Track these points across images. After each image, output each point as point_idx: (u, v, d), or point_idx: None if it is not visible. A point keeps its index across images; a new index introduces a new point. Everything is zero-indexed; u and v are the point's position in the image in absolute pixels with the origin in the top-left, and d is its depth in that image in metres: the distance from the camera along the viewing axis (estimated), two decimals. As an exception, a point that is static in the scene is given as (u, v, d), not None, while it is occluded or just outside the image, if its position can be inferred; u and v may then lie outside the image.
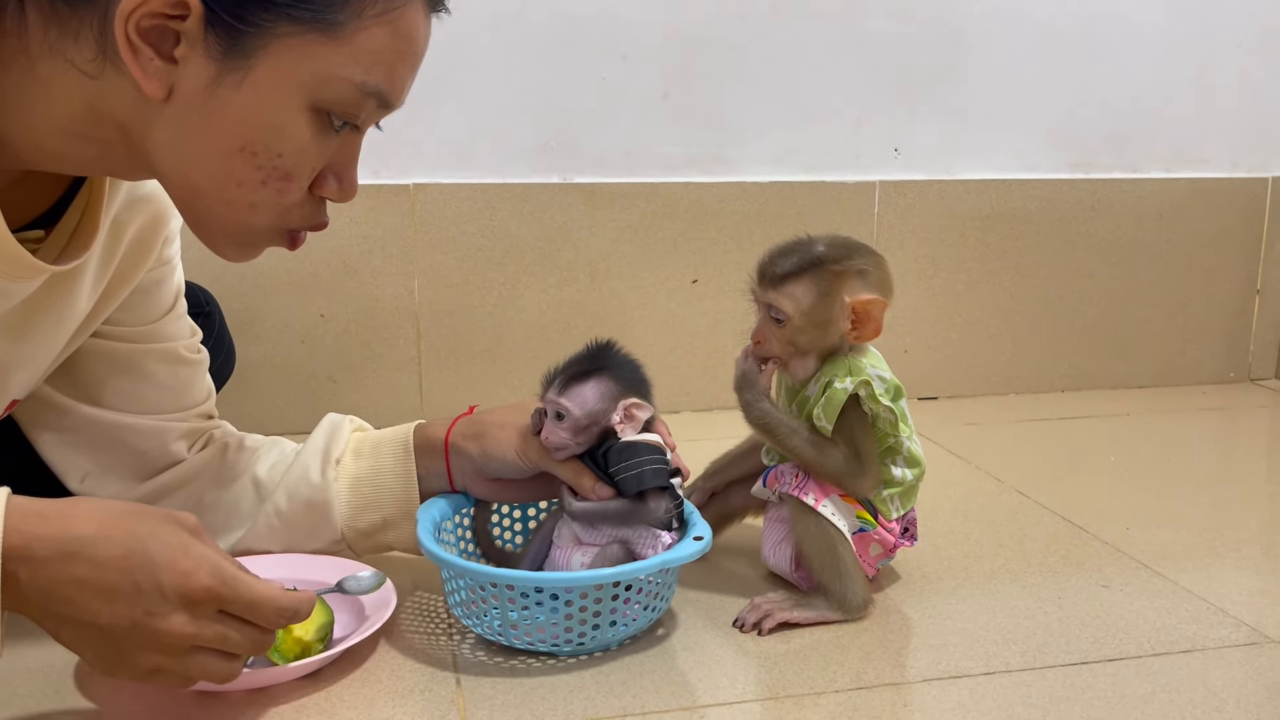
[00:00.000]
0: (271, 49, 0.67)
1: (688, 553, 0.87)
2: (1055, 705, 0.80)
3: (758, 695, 0.82)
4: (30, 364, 0.84)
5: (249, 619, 0.70)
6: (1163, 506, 1.26)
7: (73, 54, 0.66)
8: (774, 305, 0.93)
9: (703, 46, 1.59)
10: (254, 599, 0.69)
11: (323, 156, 0.73)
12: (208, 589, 0.67)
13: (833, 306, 0.93)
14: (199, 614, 0.68)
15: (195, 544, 0.68)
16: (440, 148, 1.52)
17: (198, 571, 0.67)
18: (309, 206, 0.75)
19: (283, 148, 0.70)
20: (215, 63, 0.66)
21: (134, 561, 0.65)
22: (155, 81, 0.66)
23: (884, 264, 0.95)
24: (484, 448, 0.94)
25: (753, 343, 0.96)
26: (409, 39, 0.71)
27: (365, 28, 0.68)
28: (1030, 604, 0.98)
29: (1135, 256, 1.81)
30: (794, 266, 0.93)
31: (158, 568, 0.66)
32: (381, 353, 1.54)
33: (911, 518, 1.01)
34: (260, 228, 0.74)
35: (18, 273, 0.73)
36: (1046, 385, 1.82)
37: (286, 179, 0.71)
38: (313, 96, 0.69)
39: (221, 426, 1.01)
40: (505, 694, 0.81)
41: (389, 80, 0.71)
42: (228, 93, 0.67)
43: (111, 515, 0.67)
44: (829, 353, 0.95)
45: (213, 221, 0.73)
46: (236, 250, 0.76)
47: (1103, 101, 1.76)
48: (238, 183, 0.70)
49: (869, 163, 1.69)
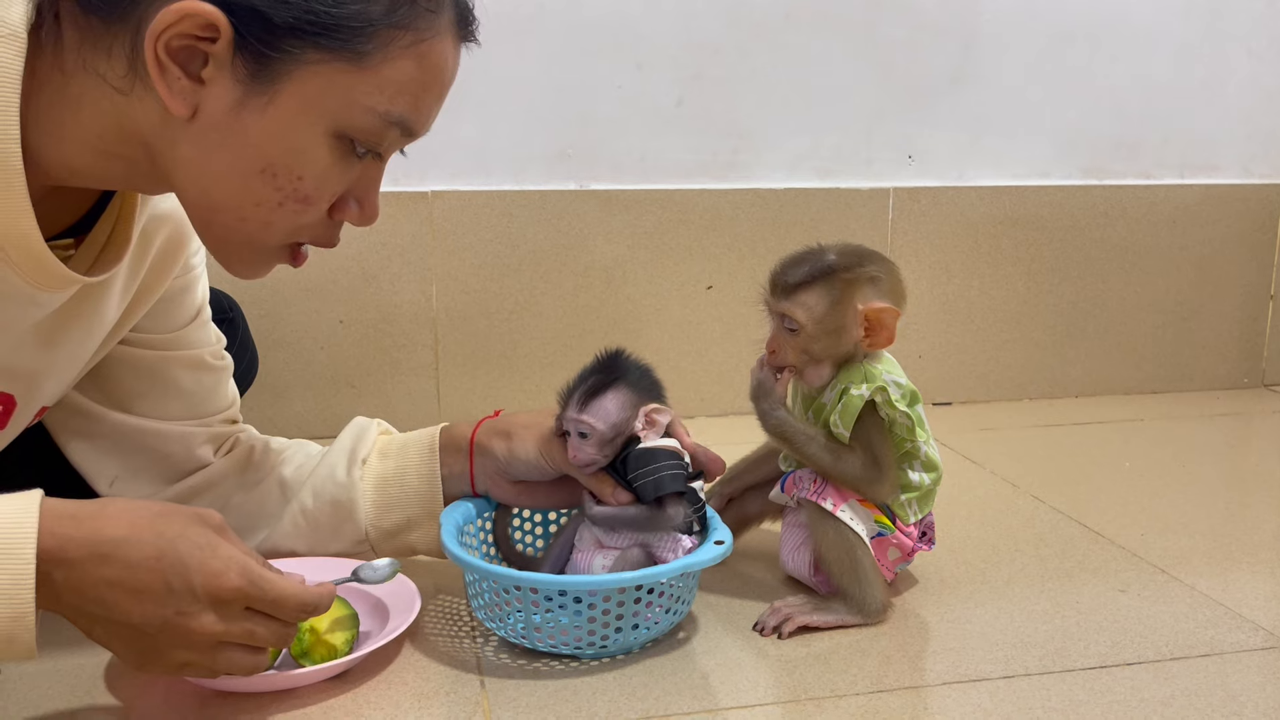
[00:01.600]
0: (298, 75, 0.67)
1: (709, 556, 0.88)
2: (1075, 709, 0.81)
3: (778, 698, 0.83)
4: (60, 371, 0.85)
5: (273, 614, 0.72)
6: (1178, 511, 1.26)
7: (104, 70, 0.68)
8: (787, 315, 0.94)
9: (717, 54, 1.61)
10: (278, 595, 0.72)
11: (344, 181, 0.74)
12: (237, 589, 0.69)
13: (845, 314, 0.93)
14: (227, 612, 0.70)
15: (222, 544, 0.70)
16: (458, 155, 1.54)
17: (227, 572, 0.69)
18: (323, 227, 0.76)
19: (304, 171, 0.71)
20: (241, 85, 0.67)
21: (166, 563, 0.67)
22: (180, 100, 0.67)
23: (895, 270, 0.96)
24: (509, 448, 0.95)
25: (767, 352, 0.97)
26: (436, 70, 0.72)
27: (392, 58, 0.69)
28: (1048, 608, 0.99)
29: (1148, 262, 1.82)
30: (805, 276, 0.93)
31: (189, 569, 0.68)
32: (400, 359, 1.56)
33: (929, 522, 1.01)
34: (271, 246, 0.75)
35: (52, 284, 0.74)
36: (1060, 391, 1.82)
37: (305, 202, 0.72)
38: (336, 123, 0.70)
39: (247, 430, 1.02)
40: (529, 696, 0.82)
41: (414, 110, 0.72)
42: (252, 115, 0.68)
43: (142, 516, 0.69)
44: (844, 360, 0.96)
45: (226, 237, 0.75)
46: (246, 268, 0.78)
47: (1115, 108, 1.77)
48: (255, 203, 0.71)
49: (882, 169, 1.70)
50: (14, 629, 0.63)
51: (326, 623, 0.83)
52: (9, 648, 0.64)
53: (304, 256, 0.79)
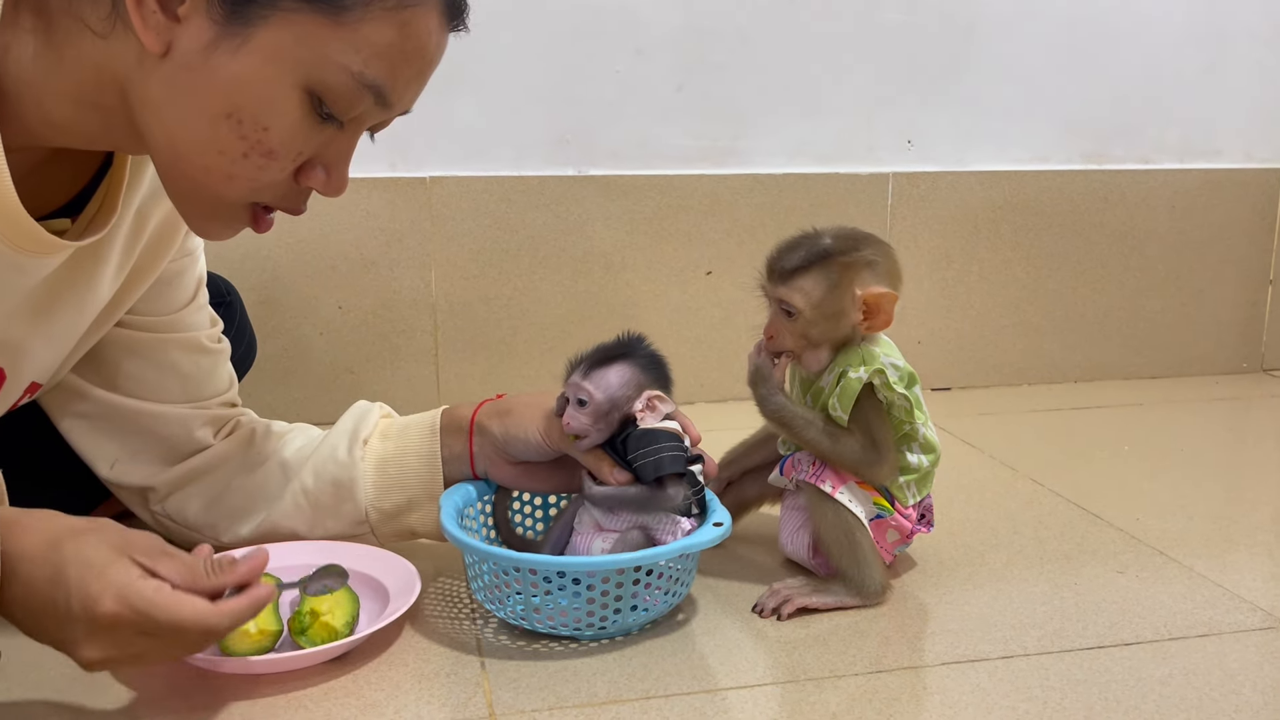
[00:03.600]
0: (273, 21, 0.67)
1: (708, 538, 0.88)
2: (1073, 688, 0.81)
3: (777, 679, 0.83)
4: (52, 346, 0.85)
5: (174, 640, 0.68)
6: (1177, 494, 1.26)
7: (87, 13, 0.67)
8: (784, 300, 0.94)
9: (716, 39, 1.60)
10: (175, 623, 0.66)
11: (312, 143, 0.72)
12: (114, 615, 0.65)
13: (843, 298, 0.93)
14: (111, 639, 0.66)
15: (113, 568, 0.66)
16: (456, 141, 1.53)
17: (102, 597, 0.65)
18: (287, 190, 0.74)
19: (269, 122, 0.69)
20: (216, 26, 0.66)
21: (56, 583, 0.65)
22: (154, 36, 0.66)
23: (892, 253, 0.96)
24: (507, 426, 0.95)
25: (765, 337, 0.97)
26: (417, 42, 0.70)
27: (372, 19, 0.68)
28: (1046, 589, 0.99)
29: (1148, 247, 1.81)
30: (802, 261, 0.93)
31: (70, 593, 0.65)
32: (399, 344, 1.56)
33: (928, 504, 1.01)
34: (231, 200, 0.73)
35: (34, 248, 0.74)
36: (1059, 376, 1.82)
37: (268, 155, 0.70)
38: (308, 77, 0.68)
39: (247, 414, 1.03)
40: (529, 677, 0.83)
41: (389, 78, 0.70)
42: (223, 57, 0.67)
43: (53, 533, 0.67)
44: (842, 343, 0.96)
45: (188, 189, 0.73)
46: (208, 223, 0.76)
47: (1115, 92, 1.77)
48: (219, 150, 0.70)
49: (882, 155, 1.70)
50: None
51: (327, 604, 0.83)
52: None
53: (269, 222, 0.77)
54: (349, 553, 0.95)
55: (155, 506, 0.98)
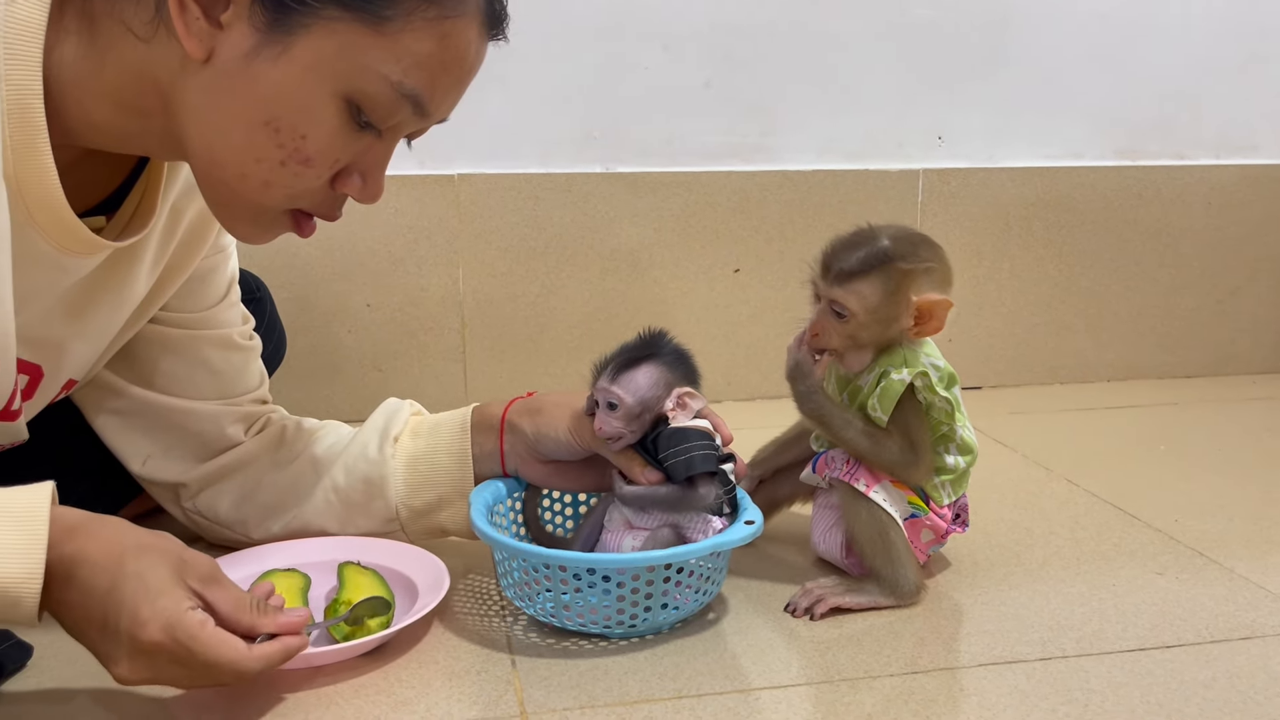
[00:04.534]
0: (315, 30, 0.67)
1: (739, 536, 0.87)
2: (1115, 691, 0.80)
3: (811, 679, 0.82)
4: (89, 343, 0.85)
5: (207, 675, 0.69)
6: (1215, 495, 1.24)
7: (130, 16, 0.68)
8: (838, 301, 0.91)
9: (744, 35, 1.59)
10: (212, 661, 0.68)
11: (349, 151, 0.72)
12: (156, 644, 0.66)
13: (899, 305, 0.91)
14: (150, 663, 0.67)
15: (166, 595, 0.67)
16: (484, 138, 1.53)
17: (150, 624, 0.66)
18: (324, 196, 0.75)
19: (308, 130, 0.69)
20: (258, 34, 0.67)
21: (112, 598, 0.66)
22: (197, 42, 0.66)
23: (946, 257, 0.94)
24: (538, 425, 0.94)
25: (810, 335, 0.94)
26: (457, 53, 0.71)
27: (413, 29, 0.68)
28: (1084, 590, 0.97)
29: (1183, 245, 1.79)
30: (861, 264, 0.90)
31: (121, 611, 0.66)
32: (427, 342, 1.56)
33: (963, 504, 1.00)
34: (269, 208, 0.74)
35: (76, 248, 0.74)
36: (1092, 375, 1.80)
37: (305, 163, 0.71)
38: (347, 86, 0.69)
39: (278, 411, 1.03)
40: (560, 675, 0.82)
41: (428, 89, 0.71)
42: (264, 65, 0.67)
43: (121, 543, 0.68)
44: (887, 345, 0.94)
45: (226, 195, 0.73)
46: (247, 228, 0.76)
47: (1150, 87, 1.74)
48: (256, 158, 0.70)
49: (912, 151, 1.68)
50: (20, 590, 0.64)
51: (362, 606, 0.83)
52: (14, 609, 0.65)
53: (312, 227, 0.77)
54: (378, 549, 0.94)
55: (186, 503, 0.99)
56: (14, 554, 0.64)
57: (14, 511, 0.65)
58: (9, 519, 0.65)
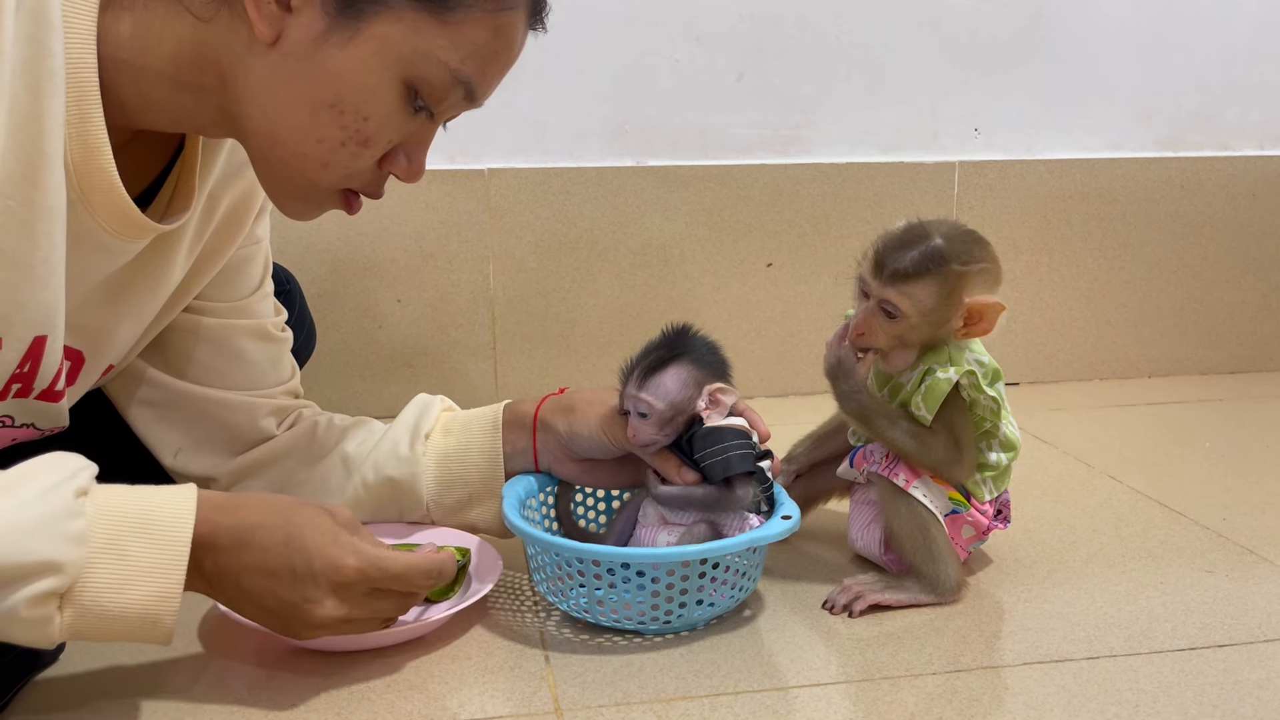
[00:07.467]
0: (383, 17, 0.69)
1: (776, 531, 0.86)
2: (1165, 691, 0.77)
3: (850, 677, 0.80)
4: (126, 329, 0.85)
5: (398, 590, 0.76)
6: (1264, 491, 1.21)
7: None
8: (890, 302, 0.89)
9: (777, 26, 1.57)
10: (399, 571, 0.75)
11: (402, 132, 0.75)
12: (357, 570, 0.73)
13: (952, 307, 0.89)
14: (348, 595, 0.74)
15: (342, 533, 0.74)
16: (514, 132, 1.52)
17: (344, 557, 0.73)
18: (373, 175, 0.77)
19: (370, 112, 0.72)
20: (328, 18, 0.69)
21: (293, 547, 0.72)
22: (267, 25, 0.68)
23: (997, 257, 0.92)
24: (571, 423, 0.93)
25: (855, 333, 0.91)
26: (507, 43, 0.74)
27: (473, 19, 0.71)
28: (1131, 589, 0.95)
29: (1226, 237, 1.75)
30: (915, 265, 0.88)
31: (310, 555, 0.72)
32: (457, 338, 1.55)
33: (1004, 500, 0.98)
34: (324, 186, 0.76)
35: (127, 231, 0.75)
36: (1133, 371, 1.76)
37: (364, 144, 0.73)
38: (409, 71, 0.71)
39: (310, 406, 1.02)
40: (595, 671, 0.81)
41: (480, 75, 0.73)
42: (332, 49, 0.69)
43: (277, 505, 0.74)
44: (932, 344, 0.92)
45: (281, 173, 0.75)
46: (296, 205, 0.78)
47: (1192, 76, 1.70)
48: (318, 138, 0.72)
49: (948, 143, 1.65)
50: (160, 609, 0.67)
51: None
52: (151, 629, 0.67)
53: (359, 205, 0.79)
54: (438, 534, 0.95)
55: (218, 498, 0.98)
56: (156, 572, 0.66)
57: (160, 522, 0.67)
58: (150, 532, 0.67)
